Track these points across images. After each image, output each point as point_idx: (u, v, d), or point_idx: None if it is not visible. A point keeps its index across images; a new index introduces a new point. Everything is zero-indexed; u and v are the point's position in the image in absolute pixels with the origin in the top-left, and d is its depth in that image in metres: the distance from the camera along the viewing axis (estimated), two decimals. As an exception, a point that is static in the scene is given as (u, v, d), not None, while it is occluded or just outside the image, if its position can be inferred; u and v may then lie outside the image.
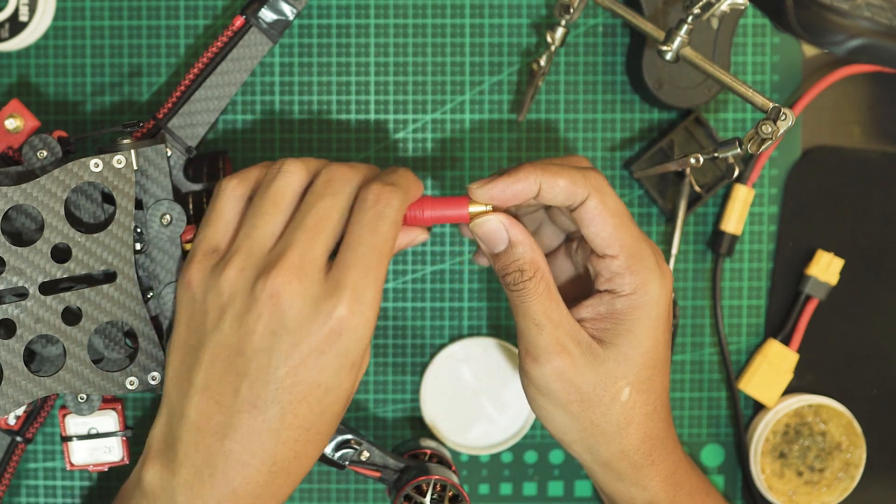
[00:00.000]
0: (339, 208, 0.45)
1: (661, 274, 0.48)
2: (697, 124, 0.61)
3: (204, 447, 0.43)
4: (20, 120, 0.52)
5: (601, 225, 0.47)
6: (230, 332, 0.43)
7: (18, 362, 0.47)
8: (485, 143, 0.61)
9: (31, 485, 0.61)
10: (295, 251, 0.43)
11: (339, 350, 0.43)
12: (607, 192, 0.47)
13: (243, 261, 0.44)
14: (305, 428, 0.44)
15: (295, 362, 0.43)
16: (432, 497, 0.54)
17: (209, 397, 0.43)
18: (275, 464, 0.44)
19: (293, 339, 0.42)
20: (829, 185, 0.62)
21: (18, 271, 0.47)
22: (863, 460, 0.62)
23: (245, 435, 0.43)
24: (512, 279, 0.47)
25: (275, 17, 0.53)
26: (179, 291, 0.46)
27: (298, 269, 0.43)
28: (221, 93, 0.53)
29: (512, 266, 0.47)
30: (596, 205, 0.46)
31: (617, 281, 0.47)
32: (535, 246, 0.48)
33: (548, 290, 0.47)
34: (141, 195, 0.50)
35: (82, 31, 0.60)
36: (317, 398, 0.43)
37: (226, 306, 0.44)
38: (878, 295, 0.63)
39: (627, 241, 0.47)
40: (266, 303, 0.42)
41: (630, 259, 0.47)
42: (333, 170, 0.46)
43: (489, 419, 0.62)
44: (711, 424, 0.63)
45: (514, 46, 0.61)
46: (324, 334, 0.42)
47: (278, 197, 0.45)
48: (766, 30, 0.62)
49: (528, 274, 0.47)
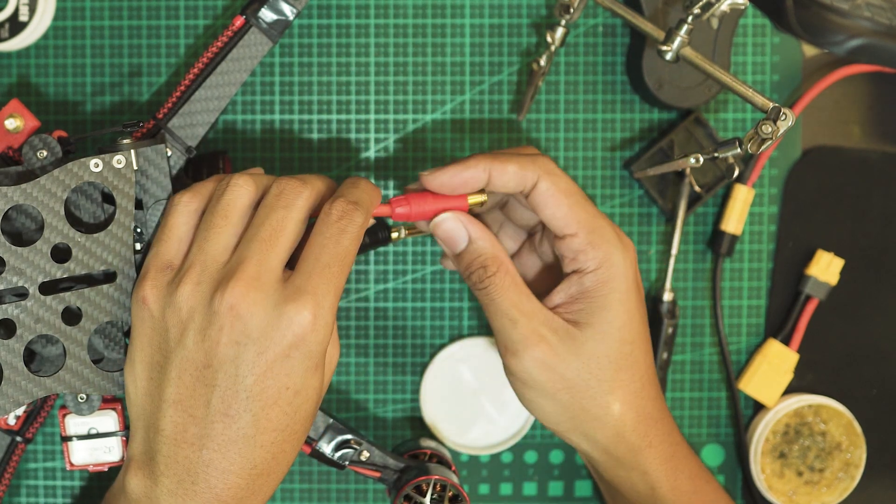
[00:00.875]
0: (293, 219, 0.45)
1: (624, 246, 0.49)
2: (697, 124, 0.61)
3: (183, 458, 0.44)
4: (20, 120, 0.52)
5: (556, 206, 0.48)
6: (194, 347, 0.44)
7: (18, 362, 0.47)
8: (485, 143, 0.61)
9: (31, 485, 0.61)
10: (251, 262, 0.43)
11: (304, 353, 0.43)
12: (558, 174, 0.48)
13: (198, 275, 0.44)
14: (280, 430, 0.44)
15: (262, 369, 0.43)
16: (432, 497, 0.54)
17: (182, 410, 0.44)
18: (254, 467, 0.44)
19: (258, 347, 0.43)
20: (829, 185, 0.62)
21: (18, 271, 0.47)
22: (863, 460, 0.62)
23: (221, 444, 0.43)
24: (477, 277, 0.48)
25: (275, 17, 0.53)
26: (134, 308, 0.46)
27: (255, 279, 0.43)
28: (221, 93, 0.53)
29: (475, 263, 0.48)
30: (548, 186, 0.48)
31: (581, 259, 0.48)
32: (495, 241, 0.49)
33: (514, 284, 0.48)
34: (141, 195, 0.50)
35: (82, 31, 0.60)
36: (287, 400, 0.44)
37: (186, 322, 0.44)
38: (878, 295, 0.63)
39: (584, 217, 0.48)
40: (226, 315, 0.43)
41: (590, 235, 0.48)
42: (283, 183, 0.46)
43: (489, 419, 0.62)
44: (711, 424, 0.63)
45: (514, 46, 0.61)
46: (288, 340, 0.43)
47: (229, 209, 0.45)
48: (766, 30, 0.62)
49: (492, 269, 0.48)
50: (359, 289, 0.62)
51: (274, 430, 0.44)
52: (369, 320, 0.62)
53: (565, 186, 0.48)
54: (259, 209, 0.46)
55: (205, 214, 0.46)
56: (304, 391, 0.44)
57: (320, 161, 0.61)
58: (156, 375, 0.45)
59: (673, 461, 0.51)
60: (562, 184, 0.48)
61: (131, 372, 0.46)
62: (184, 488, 0.44)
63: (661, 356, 0.61)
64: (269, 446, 0.44)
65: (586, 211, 0.48)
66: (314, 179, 0.47)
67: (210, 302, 0.43)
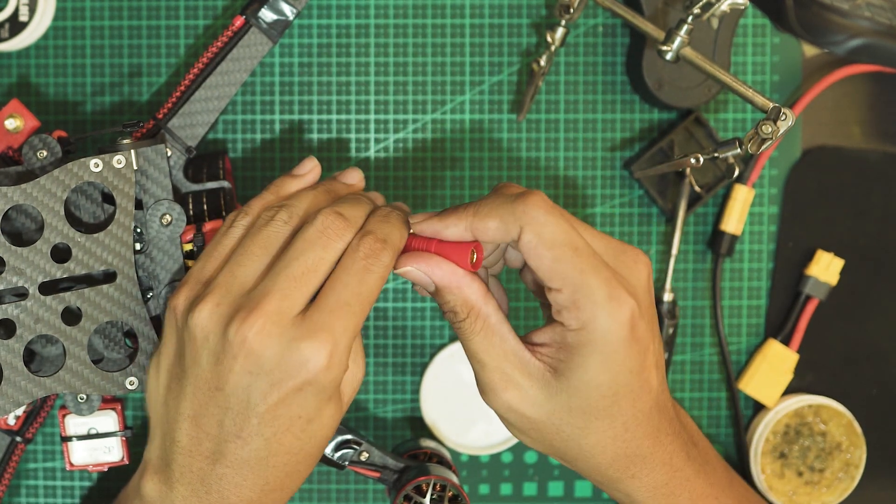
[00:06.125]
0: (328, 261, 0.44)
1: (614, 306, 0.44)
2: (697, 124, 0.61)
3: (197, 469, 0.44)
4: (20, 120, 0.52)
5: (538, 259, 0.44)
6: (208, 368, 0.43)
7: (18, 362, 0.47)
8: (485, 143, 0.61)
9: (31, 485, 0.61)
10: (275, 297, 0.43)
11: (318, 388, 0.43)
12: (543, 222, 0.44)
13: (220, 297, 0.44)
14: (294, 453, 0.44)
15: (274, 400, 0.43)
16: (432, 497, 0.54)
17: (196, 426, 0.44)
18: (267, 483, 0.44)
19: (270, 379, 0.42)
20: (829, 185, 0.62)
21: (18, 271, 0.47)
22: (863, 460, 0.61)
23: (234, 461, 0.44)
24: (448, 318, 0.47)
25: (275, 17, 0.53)
26: (167, 314, 0.46)
27: (276, 314, 0.42)
28: (221, 93, 0.53)
29: (444, 307, 0.47)
30: (530, 239, 0.44)
31: (564, 315, 0.44)
32: (464, 284, 0.46)
33: (485, 329, 0.46)
34: (141, 195, 0.50)
35: (82, 31, 0.60)
36: (300, 428, 0.44)
37: (202, 343, 0.44)
38: (878, 295, 0.63)
39: (569, 274, 0.44)
40: (240, 346, 0.42)
41: (574, 294, 0.44)
42: (330, 220, 0.45)
43: (489, 419, 0.62)
44: (711, 424, 0.63)
45: (514, 46, 0.61)
46: (302, 377, 0.42)
47: (269, 242, 0.45)
48: (766, 30, 0.62)
49: (461, 315, 0.46)
50: (359, 289, 0.62)
51: (287, 453, 0.44)
52: (369, 320, 0.62)
53: (550, 237, 0.44)
54: (297, 240, 0.45)
55: (245, 238, 0.46)
56: (319, 419, 0.44)
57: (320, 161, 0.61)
58: (174, 386, 0.45)
59: (667, 487, 0.49)
60: (547, 234, 0.44)
61: (155, 376, 0.46)
62: (198, 496, 0.44)
63: (661, 356, 0.61)
64: (283, 467, 0.44)
65: (573, 265, 0.44)
66: (360, 214, 0.46)
67: (227, 328, 0.43)
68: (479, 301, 0.46)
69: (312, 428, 0.44)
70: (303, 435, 0.44)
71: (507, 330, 0.46)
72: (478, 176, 0.61)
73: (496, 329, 0.46)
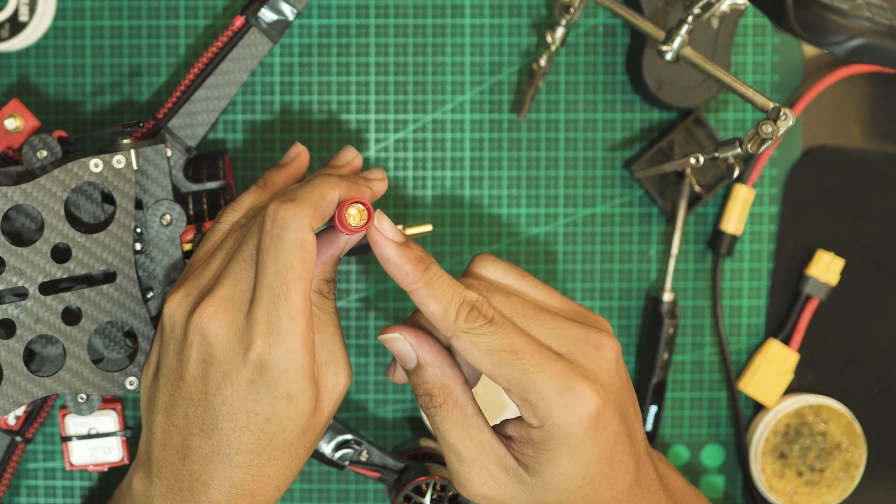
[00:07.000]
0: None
1: (569, 398, 0.42)
2: (697, 124, 0.61)
3: (171, 464, 0.45)
4: (20, 120, 0.52)
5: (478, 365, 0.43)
6: (174, 359, 0.44)
7: (18, 362, 0.47)
8: (485, 143, 0.61)
9: (31, 485, 0.61)
10: (227, 283, 0.43)
11: (268, 382, 0.42)
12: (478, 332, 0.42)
13: (189, 288, 0.45)
14: (256, 453, 0.44)
15: (228, 392, 0.43)
16: (432, 497, 0.54)
17: (167, 418, 0.44)
18: (234, 486, 0.44)
19: (222, 368, 0.43)
20: (829, 185, 0.62)
21: (18, 271, 0.47)
22: (863, 460, 0.62)
23: (200, 456, 0.44)
24: (423, 402, 0.45)
25: (275, 17, 0.53)
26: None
27: (228, 300, 0.43)
28: (221, 93, 0.53)
29: (421, 388, 0.45)
30: (465, 346, 0.42)
31: (523, 412, 0.43)
32: (447, 367, 0.45)
33: (462, 417, 0.44)
34: (141, 195, 0.50)
35: (82, 31, 0.60)
36: (258, 426, 0.43)
37: (170, 333, 0.45)
38: (878, 295, 0.63)
39: (513, 375, 0.42)
40: (195, 334, 0.43)
41: (523, 393, 0.42)
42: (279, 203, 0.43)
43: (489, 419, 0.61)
44: (712, 424, 0.63)
45: (514, 46, 0.61)
46: (249, 368, 0.42)
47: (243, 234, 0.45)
48: (766, 30, 0.62)
49: (438, 400, 0.44)
50: (359, 289, 0.62)
51: (248, 452, 0.43)
52: (369, 320, 0.62)
53: (487, 345, 0.42)
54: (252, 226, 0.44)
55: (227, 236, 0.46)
56: (277, 420, 0.43)
57: (321, 161, 0.61)
58: (154, 379, 0.46)
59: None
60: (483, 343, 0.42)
61: (145, 370, 0.47)
62: (172, 493, 0.45)
63: (662, 356, 0.61)
64: (246, 468, 0.44)
65: (514, 368, 0.42)
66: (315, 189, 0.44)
67: (188, 319, 0.43)
68: (458, 388, 0.45)
69: (272, 428, 0.43)
70: (262, 434, 0.43)
71: (482, 421, 0.45)
72: (478, 176, 0.61)
73: (472, 420, 0.45)
